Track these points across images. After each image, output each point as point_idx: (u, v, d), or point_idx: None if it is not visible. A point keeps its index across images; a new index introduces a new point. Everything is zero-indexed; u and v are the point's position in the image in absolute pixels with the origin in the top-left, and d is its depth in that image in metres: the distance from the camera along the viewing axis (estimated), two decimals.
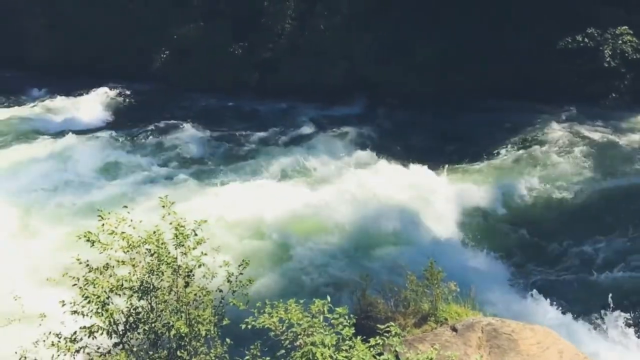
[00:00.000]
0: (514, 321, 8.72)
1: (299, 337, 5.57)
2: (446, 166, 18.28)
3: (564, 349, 8.11)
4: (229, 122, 24.13)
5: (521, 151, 20.01)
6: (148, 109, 25.93)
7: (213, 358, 6.91)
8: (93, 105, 26.11)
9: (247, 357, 6.58)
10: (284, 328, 5.72)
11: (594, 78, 23.25)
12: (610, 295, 11.64)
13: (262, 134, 22.71)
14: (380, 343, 5.47)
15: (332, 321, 5.62)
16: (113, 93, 27.53)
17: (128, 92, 27.86)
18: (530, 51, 23.39)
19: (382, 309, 9.33)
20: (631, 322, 11.45)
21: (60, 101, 26.88)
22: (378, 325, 5.59)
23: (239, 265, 7.50)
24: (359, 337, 5.46)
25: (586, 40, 23.38)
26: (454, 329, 8.48)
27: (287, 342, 5.65)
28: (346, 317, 5.71)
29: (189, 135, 22.52)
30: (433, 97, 23.88)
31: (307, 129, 22.91)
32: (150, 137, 22.41)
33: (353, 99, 25.47)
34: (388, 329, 5.48)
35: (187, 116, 24.92)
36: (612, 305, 11.48)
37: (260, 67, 27.18)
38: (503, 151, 20.09)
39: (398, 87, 24.95)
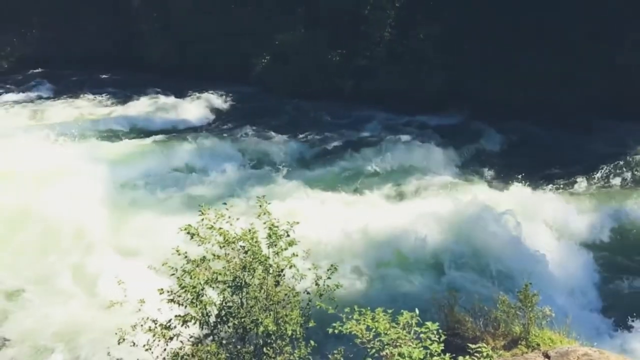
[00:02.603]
0: (614, 354, 8.11)
1: (386, 347, 5.51)
2: (548, 185, 17.40)
3: None
4: (322, 128, 24.43)
5: (631, 174, 18.65)
6: (247, 111, 26.88)
7: (297, 358, 6.99)
8: (198, 105, 27.46)
9: None
10: (370, 336, 5.67)
11: None
12: None
13: (354, 141, 22.80)
14: None
15: (421, 335, 5.50)
16: (216, 95, 28.79)
17: (230, 95, 29.01)
18: None
19: (470, 328, 9.03)
20: None
21: (169, 100, 28.53)
22: (469, 345, 5.41)
23: (328, 270, 7.56)
24: (447, 355, 5.31)
25: None
26: (547, 356, 8.02)
27: (373, 351, 5.59)
28: (435, 332, 5.58)
29: (283, 138, 23.06)
30: (535, 113, 22.89)
31: (399, 138, 22.71)
32: (247, 138, 23.16)
33: (450, 109, 24.98)
34: (479, 349, 5.28)
35: (282, 120, 25.60)
36: None
37: (357, 74, 27.33)
38: (611, 173, 18.80)
39: (498, 100, 24.17)
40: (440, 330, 5.59)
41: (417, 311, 5.74)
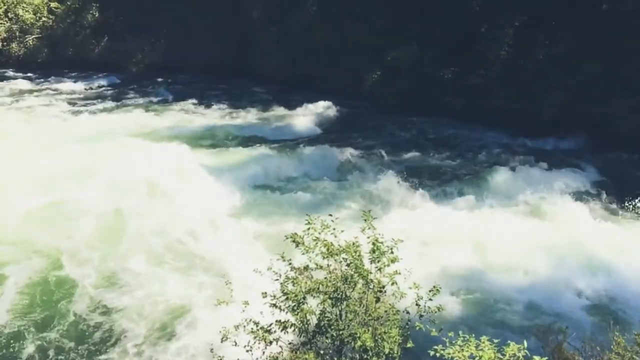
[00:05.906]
0: None
1: None
2: None
3: None
4: (429, 145, 24.07)
5: None
6: (353, 125, 27.12)
7: None
8: (306, 117, 28.13)
9: None
10: None
11: None
12: None
13: (462, 160, 22.23)
14: None
15: None
16: (324, 107, 29.31)
17: (338, 108, 29.41)
18: None
19: None
20: None
21: (279, 110, 29.58)
22: None
23: (429, 291, 7.40)
24: None
25: None
26: None
27: None
28: None
29: (388, 154, 22.94)
30: None
31: (509, 159, 21.78)
32: (352, 152, 23.27)
33: (567, 134, 23.65)
34: None
35: (388, 135, 25.54)
36: None
37: (469, 93, 26.67)
38: None
39: (621, 127, 22.52)
40: None
41: (525, 343, 5.44)
